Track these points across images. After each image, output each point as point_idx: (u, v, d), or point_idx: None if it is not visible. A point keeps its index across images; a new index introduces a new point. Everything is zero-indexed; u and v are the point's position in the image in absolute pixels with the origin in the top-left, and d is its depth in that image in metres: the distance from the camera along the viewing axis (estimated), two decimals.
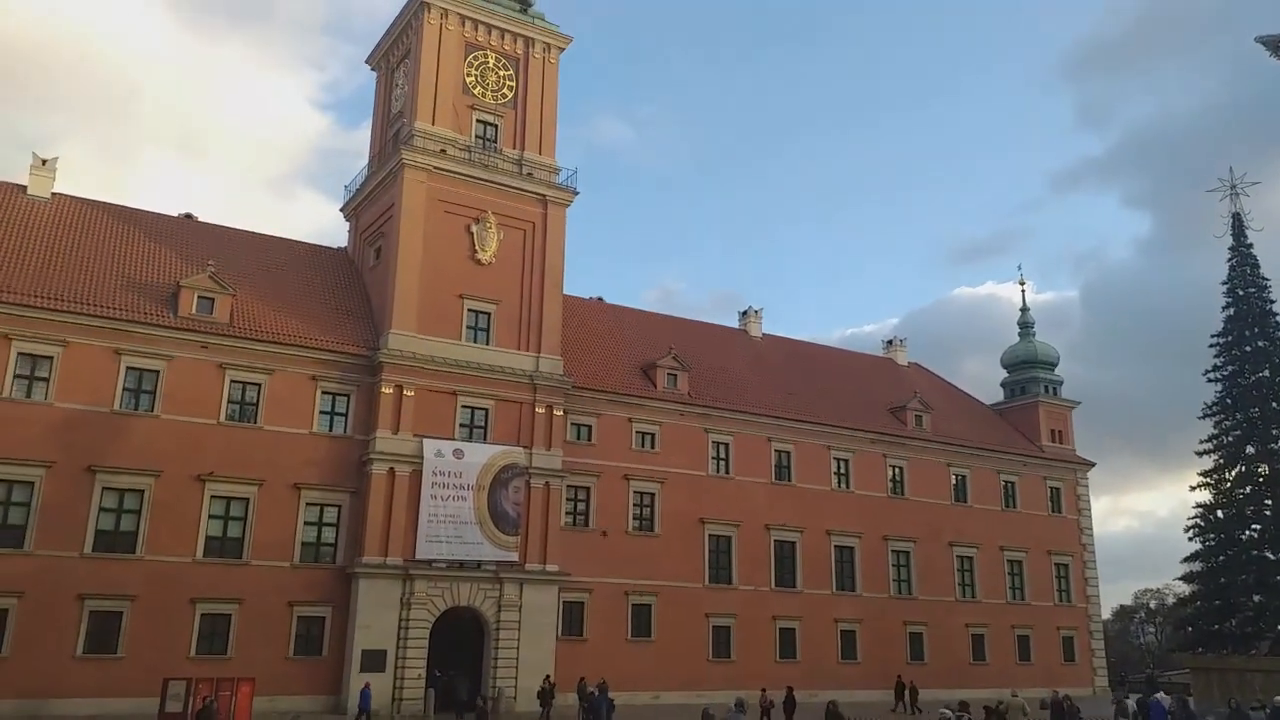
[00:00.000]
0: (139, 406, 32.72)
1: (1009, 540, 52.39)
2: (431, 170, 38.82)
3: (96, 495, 31.34)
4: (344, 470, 35.36)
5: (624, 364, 44.42)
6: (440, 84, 40.27)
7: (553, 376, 39.45)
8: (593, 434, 41.38)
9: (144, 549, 31.67)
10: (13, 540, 30.06)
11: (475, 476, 36.73)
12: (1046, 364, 59.32)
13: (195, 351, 33.74)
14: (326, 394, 35.90)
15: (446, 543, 35.85)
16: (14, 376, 31.05)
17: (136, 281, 34.63)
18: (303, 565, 34.10)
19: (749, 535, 44.17)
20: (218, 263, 36.11)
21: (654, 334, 47.45)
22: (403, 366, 36.36)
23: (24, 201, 35.97)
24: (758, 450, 45.60)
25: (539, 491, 38.20)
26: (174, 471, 32.39)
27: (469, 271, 39.00)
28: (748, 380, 48.15)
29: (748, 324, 53.66)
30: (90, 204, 37.67)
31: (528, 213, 40.78)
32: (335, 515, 35.06)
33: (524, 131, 41.88)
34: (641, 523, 41.84)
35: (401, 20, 42.88)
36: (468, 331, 38.64)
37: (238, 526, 33.34)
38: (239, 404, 34.30)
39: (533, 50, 42.78)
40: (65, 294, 32.53)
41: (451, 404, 37.44)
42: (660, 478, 42.38)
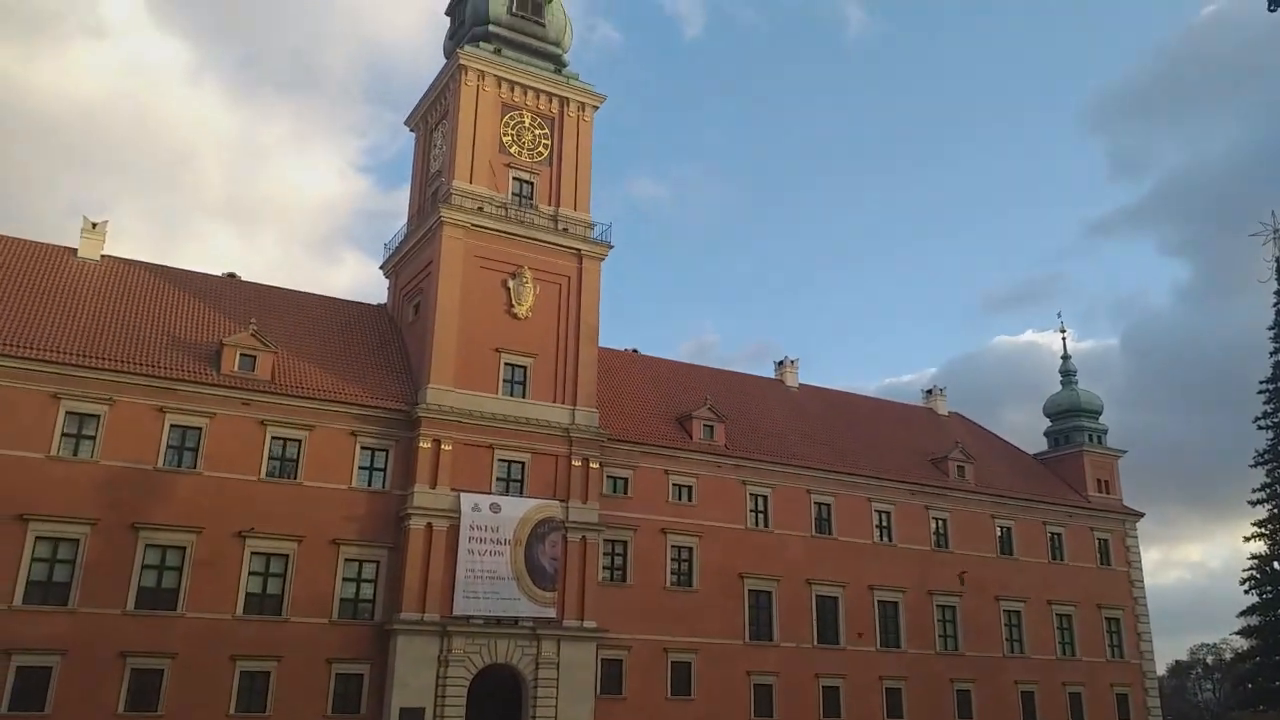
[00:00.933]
0: (182, 463, 33.11)
1: (1057, 593, 51.00)
2: (469, 227, 39.40)
3: (140, 552, 31.61)
4: (382, 525, 35.40)
5: (660, 415, 44.30)
6: (477, 143, 41.04)
7: (588, 429, 39.42)
8: (629, 486, 41.14)
9: (185, 606, 31.80)
10: (58, 597, 30.35)
11: (512, 531, 36.60)
12: (1090, 412, 58.24)
13: (237, 408, 34.18)
14: (365, 449, 36.12)
15: (484, 598, 35.62)
16: (62, 435, 31.61)
17: (181, 340, 35.30)
18: (341, 622, 34.01)
19: (790, 590, 43.41)
20: (260, 321, 36.74)
21: (689, 385, 47.34)
22: (440, 421, 36.53)
23: (74, 264, 36.98)
24: (797, 502, 45.04)
25: (576, 546, 37.94)
26: (215, 528, 32.63)
27: (506, 326, 39.33)
28: (785, 431, 47.75)
29: (784, 374, 53.38)
30: (138, 265, 38.64)
31: (563, 267, 41.17)
32: (374, 571, 35.03)
33: (559, 188, 42.46)
34: (679, 577, 41.31)
35: (439, 83, 43.93)
36: (504, 385, 38.83)
37: (277, 583, 33.41)
38: (279, 460, 34.60)
39: (567, 109, 43.54)
40: (112, 353, 33.22)
41: (488, 458, 37.50)
42: (698, 531, 41.93)
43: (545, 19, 44.49)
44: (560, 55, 44.92)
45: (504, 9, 43.57)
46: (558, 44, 44.87)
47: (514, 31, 43.64)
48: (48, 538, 30.58)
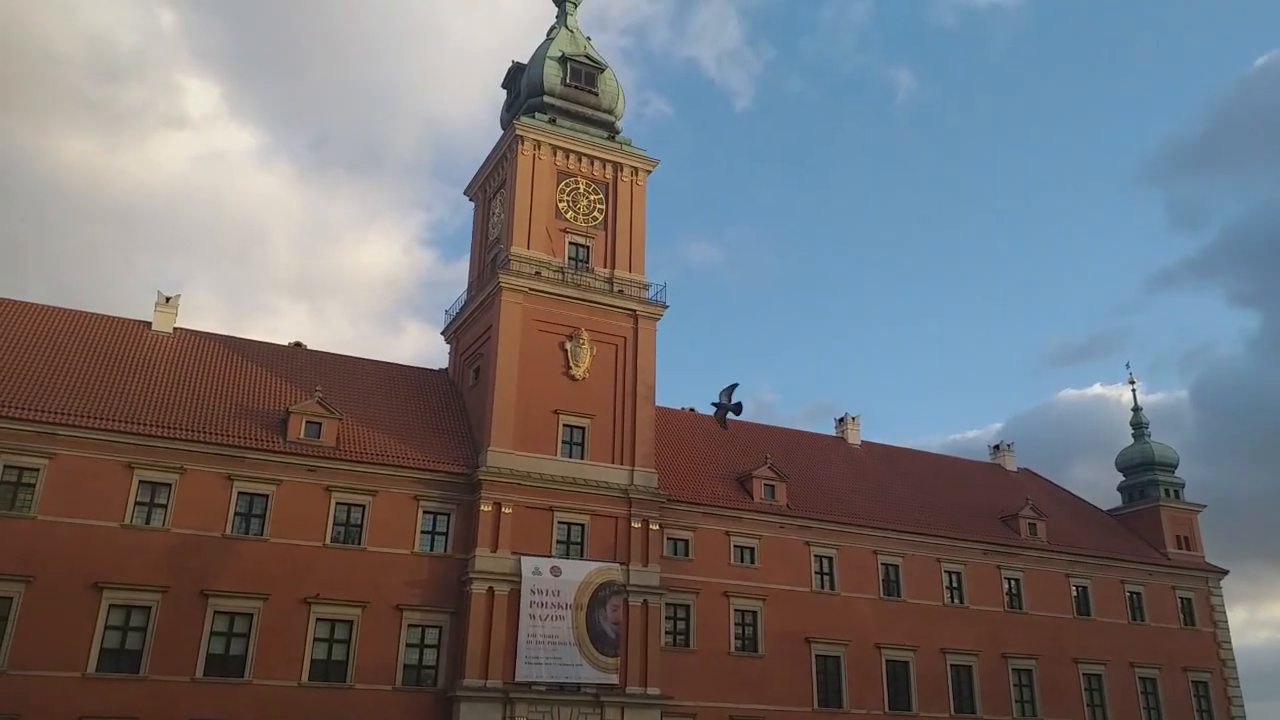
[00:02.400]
0: (249, 530, 33.61)
1: (1139, 656, 48.78)
2: (527, 291, 39.95)
3: (208, 620, 31.96)
4: (444, 590, 35.40)
5: (719, 475, 43.87)
6: (534, 210, 41.83)
7: (647, 490, 39.18)
8: (690, 548, 40.63)
9: (252, 673, 31.97)
10: (130, 665, 30.76)
11: (573, 595, 36.30)
12: (1166, 465, 56.25)
13: (303, 475, 34.71)
14: (428, 513, 36.32)
15: (546, 664, 35.22)
16: (135, 504, 32.36)
17: (249, 409, 36.12)
18: (405, 688, 33.86)
19: (859, 655, 42.18)
20: (325, 388, 37.46)
21: (748, 444, 46.86)
22: (500, 483, 36.64)
23: (149, 336, 38.28)
24: (863, 564, 44.00)
25: (637, 610, 37.45)
26: (281, 595, 32.92)
27: (563, 387, 39.55)
28: (849, 490, 46.91)
29: (845, 431, 52.63)
30: (208, 337, 39.85)
31: (619, 328, 41.43)
32: (436, 637, 34.92)
33: (614, 251, 42.96)
34: (744, 642, 40.43)
35: (497, 153, 45.06)
36: (563, 446, 38.88)
37: (342, 649, 33.46)
38: (344, 525, 34.94)
39: (621, 174, 44.24)
40: (183, 423, 34.10)
41: (548, 520, 37.42)
42: (762, 594, 41.11)
43: (598, 88, 45.53)
44: (613, 122, 45.83)
45: (558, 80, 44.73)
46: (610, 111, 45.81)
47: (568, 101, 44.71)
48: (121, 605, 31.12)
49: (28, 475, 31.39)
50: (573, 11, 48.30)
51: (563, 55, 45.23)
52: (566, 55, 45.26)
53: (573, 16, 48.16)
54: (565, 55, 45.24)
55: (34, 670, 29.54)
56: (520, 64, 46.22)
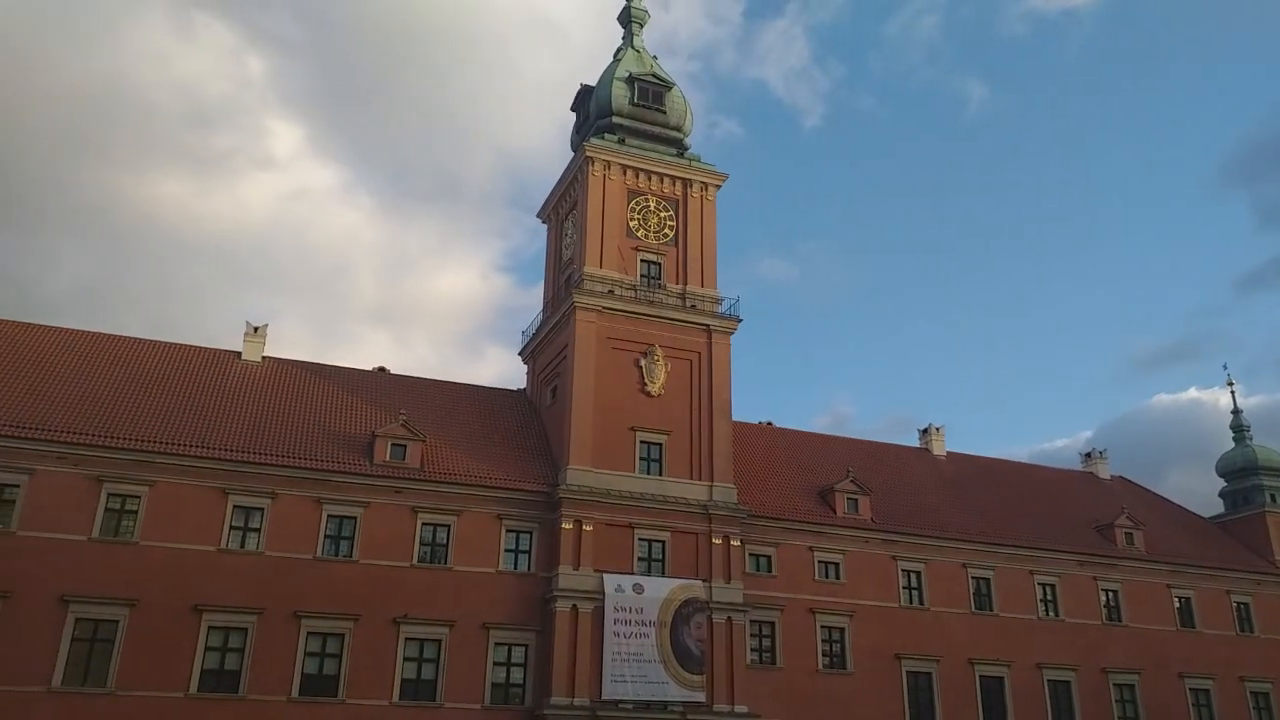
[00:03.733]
0: (339, 552, 34.37)
1: (1250, 669, 46.45)
2: (601, 310, 40.20)
3: (302, 640, 32.69)
4: (529, 608, 35.61)
5: (800, 490, 43.32)
6: (606, 229, 42.15)
7: (727, 505, 38.90)
8: (773, 564, 40.15)
9: (345, 693, 32.56)
10: (229, 685, 31.62)
11: (656, 612, 36.15)
12: (1271, 470, 53.63)
13: (389, 497, 35.38)
14: (510, 532, 36.67)
15: (631, 682, 35.09)
16: (229, 528, 33.38)
17: (336, 433, 37.02)
18: (493, 707, 34.11)
19: (951, 671, 41.04)
20: (408, 411, 38.17)
21: (829, 457, 46.21)
22: (580, 501, 36.80)
23: (239, 366, 39.60)
24: (953, 577, 42.88)
25: (721, 627, 37.12)
26: (371, 615, 33.50)
27: (639, 404, 39.61)
28: (935, 502, 45.82)
29: (929, 442, 51.47)
30: (295, 364, 41.03)
31: (693, 343, 41.36)
32: (523, 655, 35.13)
33: (686, 266, 42.99)
34: (832, 659, 39.70)
35: (568, 175, 45.58)
36: (641, 463, 38.90)
37: (431, 668, 33.87)
38: (430, 546, 35.47)
39: (690, 190, 44.31)
40: (274, 449, 35.10)
41: (629, 537, 37.42)
42: (848, 610, 40.36)
43: (666, 106, 45.76)
44: (682, 139, 45.99)
45: (626, 100, 45.12)
46: (679, 128, 45.99)
47: (636, 120, 45.03)
48: (219, 627, 32.06)
49: (130, 503, 32.66)
50: (638, 32, 48.77)
51: (630, 75, 45.63)
52: (634, 75, 45.65)
53: (639, 37, 48.62)
54: (632, 75, 45.63)
55: (140, 691, 30.56)
56: (588, 86, 46.79)
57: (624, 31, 49.21)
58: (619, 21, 49.65)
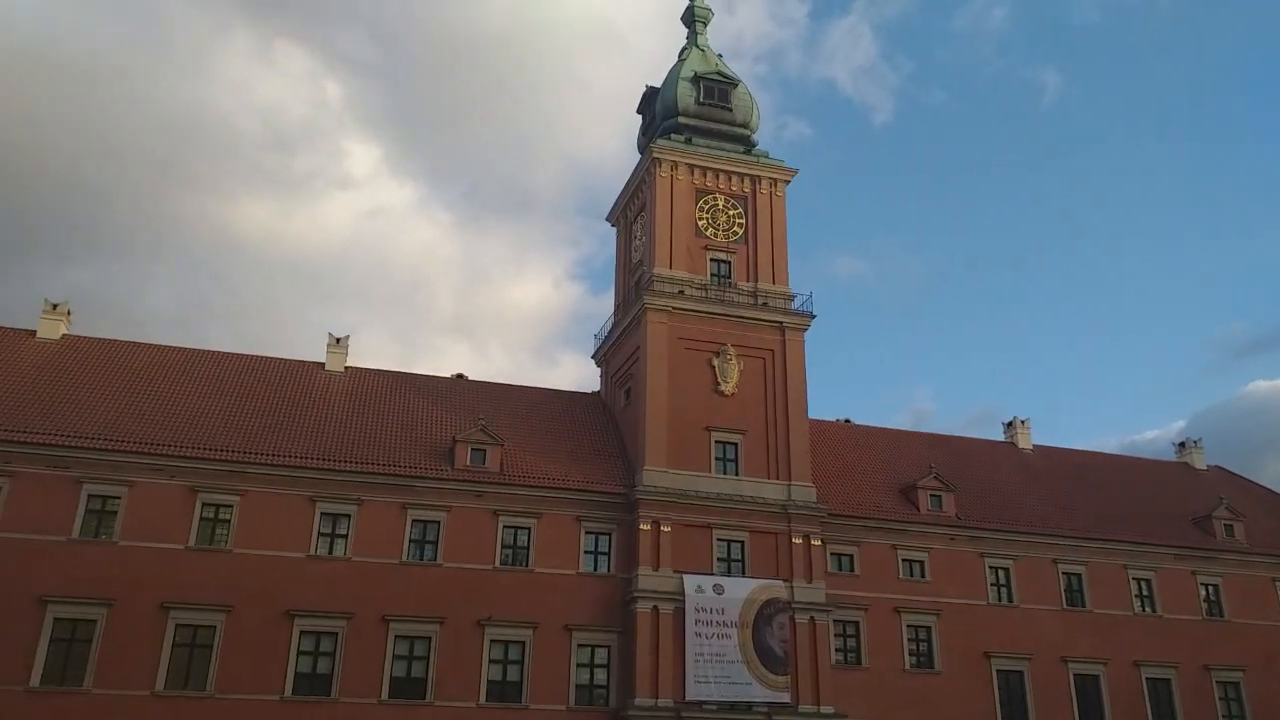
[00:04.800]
0: (424, 556, 34.96)
1: None
2: (671, 311, 40.17)
3: (390, 643, 33.32)
4: (610, 610, 35.74)
5: (881, 487, 42.59)
6: (675, 229, 42.09)
7: (806, 504, 38.47)
8: (855, 564, 39.57)
9: (433, 695, 33.09)
10: (322, 688, 32.40)
11: (738, 613, 35.95)
12: None
13: (470, 501, 35.87)
14: (589, 534, 36.86)
15: (715, 683, 34.94)
16: (318, 535, 34.22)
17: (417, 439, 37.67)
18: (578, 708, 34.31)
19: (1043, 670, 39.87)
20: (486, 416, 38.65)
21: (910, 453, 45.29)
22: (657, 502, 36.80)
23: (322, 376, 40.60)
24: (1042, 574, 41.65)
25: (804, 627, 36.72)
26: (456, 618, 33.98)
27: (713, 404, 39.44)
28: (1023, 497, 44.56)
29: (1015, 435, 50.01)
30: (376, 373, 41.89)
31: (765, 341, 41.04)
32: (605, 656, 35.27)
33: (756, 263, 42.68)
34: (919, 659, 38.93)
35: (635, 177, 45.67)
36: (716, 464, 38.74)
37: (515, 670, 34.21)
38: (511, 548, 35.86)
39: (759, 186, 43.99)
40: (358, 456, 35.90)
41: (707, 538, 37.28)
42: (935, 608, 39.53)
43: (732, 103, 45.54)
44: (749, 136, 45.71)
45: (692, 100, 45.02)
46: (745, 125, 45.71)
47: (702, 119, 44.91)
48: (311, 632, 32.88)
49: (223, 512, 33.74)
50: (702, 31, 48.65)
51: (695, 75, 45.53)
52: (699, 74, 45.53)
53: (703, 36, 48.51)
54: (698, 74, 45.52)
55: (237, 694, 31.51)
56: (654, 88, 46.84)
57: (688, 31, 49.14)
58: (683, 21, 49.61)
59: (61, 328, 38.98)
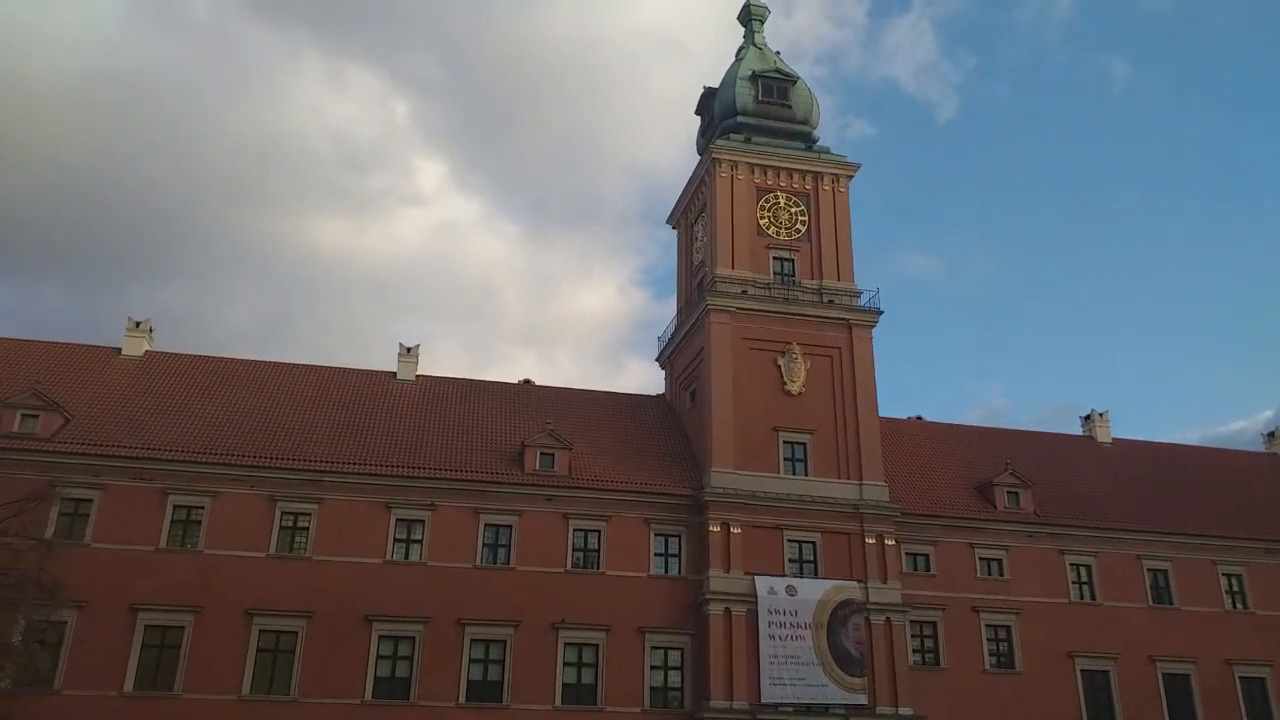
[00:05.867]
0: (497, 560, 35.31)
1: None
2: (735, 311, 39.99)
3: (466, 647, 33.70)
4: (682, 612, 35.66)
5: (956, 485, 41.75)
6: (736, 229, 41.91)
7: (879, 504, 37.93)
8: (930, 563, 38.90)
9: (510, 697, 33.37)
10: (401, 691, 32.89)
11: (811, 614, 35.59)
12: None
13: (541, 505, 36.13)
14: (659, 536, 36.84)
15: (790, 685, 34.63)
16: (393, 540, 34.81)
17: (487, 445, 38.07)
18: (653, 710, 34.28)
19: (1130, 669, 38.65)
20: (554, 421, 38.90)
21: (985, 450, 44.23)
22: (726, 503, 36.63)
23: (394, 385, 41.30)
24: (1126, 571, 40.41)
25: (880, 628, 36.20)
26: (531, 621, 34.24)
27: (780, 404, 39.15)
28: (1103, 492, 43.25)
29: (1093, 429, 48.55)
30: (446, 381, 42.45)
31: (832, 339, 40.62)
32: (679, 658, 35.20)
33: (820, 261, 42.26)
34: (999, 659, 38.07)
35: (695, 179, 45.60)
36: (785, 464, 38.44)
37: (590, 673, 34.33)
38: (582, 551, 36.02)
39: (821, 183, 43.56)
40: (431, 463, 36.44)
41: (778, 539, 36.99)
42: (1014, 607, 38.61)
43: (791, 100, 45.21)
44: (809, 132, 45.32)
45: (751, 99, 44.79)
46: (806, 122, 45.34)
47: (762, 118, 44.65)
48: (389, 636, 33.42)
49: (302, 520, 34.52)
50: (759, 29, 48.42)
51: (753, 73, 45.31)
52: (757, 73, 45.30)
53: (760, 34, 48.27)
54: (756, 73, 45.29)
55: (320, 698, 32.17)
56: (712, 88, 46.72)
57: (744, 30, 48.92)
58: (739, 20, 49.43)
59: (145, 345, 40.35)
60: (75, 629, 31.22)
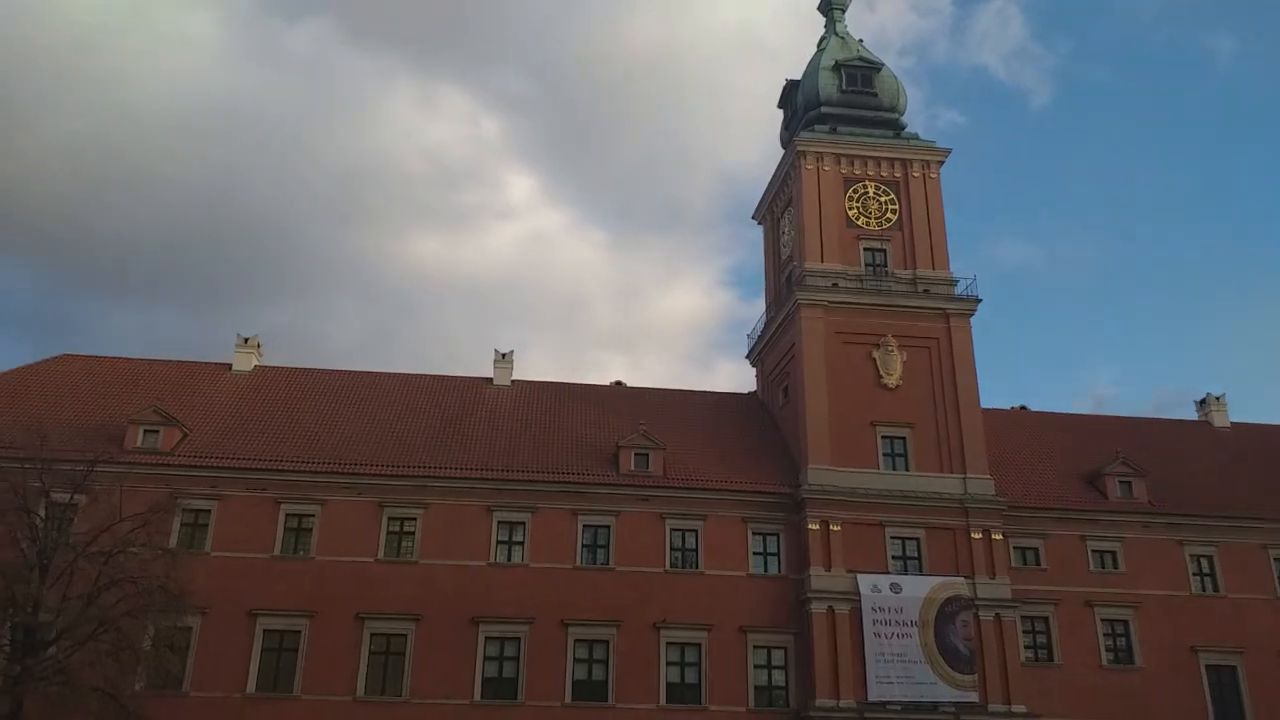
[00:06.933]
0: (596, 561, 35.59)
1: None
2: (826, 305, 39.46)
3: (570, 647, 34.05)
4: (784, 611, 35.37)
5: (1064, 475, 40.33)
6: (824, 222, 41.34)
7: (984, 497, 36.94)
8: (1040, 557, 37.70)
9: (614, 696, 33.60)
10: (508, 692, 33.43)
11: (917, 612, 34.89)
12: None
13: (637, 505, 36.27)
14: (757, 534, 36.59)
15: (899, 683, 34.02)
16: (496, 543, 35.40)
17: (583, 446, 38.41)
18: (758, 709, 34.08)
19: (1259, 664, 36.76)
20: (647, 421, 39.01)
21: (1094, 438, 42.55)
22: (825, 501, 36.18)
23: (490, 391, 42.04)
24: (1252, 561, 38.44)
25: (990, 625, 35.26)
26: (631, 620, 34.39)
27: (877, 398, 38.48)
28: (1222, 479, 41.18)
29: (1209, 414, 46.33)
30: (540, 385, 43.05)
31: (929, 329, 39.74)
32: (782, 657, 34.92)
33: (913, 250, 41.38)
34: (1117, 654, 36.68)
35: (780, 173, 45.15)
36: (884, 459, 37.78)
37: (693, 672, 34.29)
38: (680, 551, 36.04)
39: (911, 170, 42.64)
40: (529, 465, 36.94)
41: (880, 536, 36.36)
42: (1132, 601, 37.15)
43: (876, 88, 44.39)
44: (896, 119, 44.42)
45: (834, 89, 44.15)
46: (892, 109, 44.45)
47: (847, 107, 43.97)
48: (495, 637, 34.01)
49: (408, 524, 35.41)
50: (840, 18, 47.66)
51: (836, 63, 44.65)
52: (840, 62, 44.62)
53: (841, 23, 47.52)
54: (839, 62, 44.62)
55: (430, 699, 32.93)
56: (794, 81, 46.20)
57: (825, 20, 48.21)
58: (819, 10, 48.75)
59: (254, 360, 42.00)
60: (200, 634, 32.69)
